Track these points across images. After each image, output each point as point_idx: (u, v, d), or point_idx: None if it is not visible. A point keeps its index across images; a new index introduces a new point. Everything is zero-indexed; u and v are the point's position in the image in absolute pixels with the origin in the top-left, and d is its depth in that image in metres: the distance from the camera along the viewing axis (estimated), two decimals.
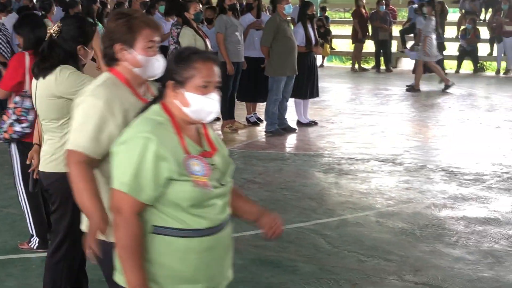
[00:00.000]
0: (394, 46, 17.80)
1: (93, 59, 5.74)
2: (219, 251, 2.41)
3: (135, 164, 2.22)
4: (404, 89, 13.14)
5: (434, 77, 15.16)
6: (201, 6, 8.40)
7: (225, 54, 8.64)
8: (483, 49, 17.33)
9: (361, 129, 9.39)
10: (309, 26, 9.20)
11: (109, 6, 11.20)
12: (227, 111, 9.05)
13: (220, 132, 9.02)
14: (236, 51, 8.80)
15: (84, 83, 3.35)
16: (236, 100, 9.31)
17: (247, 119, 9.59)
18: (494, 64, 16.96)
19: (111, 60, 2.70)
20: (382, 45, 16.69)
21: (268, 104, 8.83)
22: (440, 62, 13.71)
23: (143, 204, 2.26)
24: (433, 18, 12.88)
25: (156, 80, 2.65)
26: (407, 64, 18.02)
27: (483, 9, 17.98)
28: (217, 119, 9.58)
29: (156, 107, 2.36)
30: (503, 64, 16.47)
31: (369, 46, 17.74)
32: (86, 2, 9.30)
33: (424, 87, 13.20)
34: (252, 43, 9.21)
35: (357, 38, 16.84)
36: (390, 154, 7.76)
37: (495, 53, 16.76)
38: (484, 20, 17.74)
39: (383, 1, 16.48)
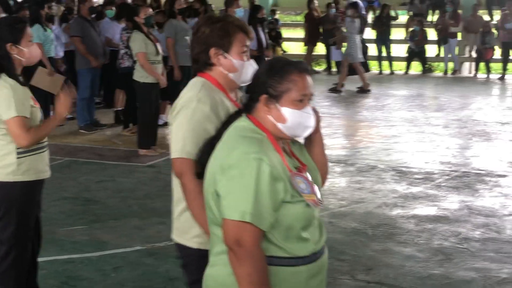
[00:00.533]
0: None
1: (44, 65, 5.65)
2: (322, 275, 2.28)
3: (254, 190, 2.01)
4: (355, 91, 13.30)
5: (384, 78, 15.45)
6: (151, 10, 8.35)
7: (174, 58, 8.61)
8: (431, 50, 17.67)
9: None
10: (259, 29, 9.24)
11: (55, 12, 11.07)
12: None
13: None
14: (187, 55, 8.76)
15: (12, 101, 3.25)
16: None
17: None
18: (442, 64, 17.31)
19: (204, 65, 2.61)
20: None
21: None
22: (364, 65, 13.99)
23: (263, 233, 2.05)
24: (357, 20, 13.22)
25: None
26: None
27: (430, 11, 18.32)
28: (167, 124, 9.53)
29: (246, 123, 2.19)
30: (451, 65, 16.84)
31: (321, 48, 17.90)
32: (33, 7, 9.17)
33: (373, 88, 13.38)
34: None
35: (309, 40, 16.98)
36: (342, 155, 7.85)
37: (442, 54, 17.12)
38: (432, 22, 18.08)
39: (333, 4, 16.65)
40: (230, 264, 2.07)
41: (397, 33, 17.97)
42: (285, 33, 19.85)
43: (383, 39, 16.88)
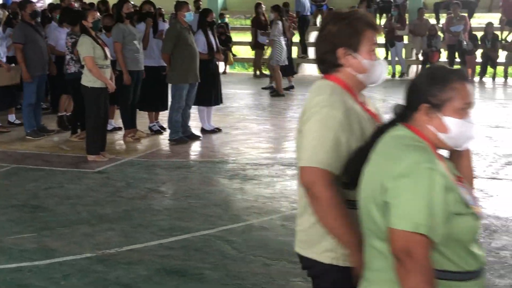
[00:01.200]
0: (294, 52, 18.10)
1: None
2: None
3: (427, 200, 1.93)
4: (303, 94, 13.38)
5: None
6: (98, 14, 8.24)
7: (123, 63, 8.53)
8: (379, 54, 17.92)
9: (264, 134, 9.49)
10: (209, 33, 9.22)
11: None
12: (128, 121, 8.94)
13: (122, 141, 8.89)
14: (135, 60, 8.71)
15: None
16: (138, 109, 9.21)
17: (149, 128, 9.49)
18: (390, 67, 17.58)
19: (332, 66, 2.45)
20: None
21: (171, 112, 8.77)
22: (290, 67, 14.14)
23: (433, 245, 1.96)
24: (279, 22, 13.41)
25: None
26: (308, 69, 18.39)
27: (377, 15, 18.59)
28: (119, 128, 9.45)
29: (406, 132, 2.11)
30: (398, 68, 17.12)
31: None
32: None
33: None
34: (151, 51, 9.15)
35: (256, 45, 17.03)
36: (293, 158, 7.87)
37: (390, 57, 17.39)
38: (379, 25, 18.34)
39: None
40: (397, 276, 1.98)
41: None
42: (235, 37, 19.88)
43: None
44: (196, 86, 8.88)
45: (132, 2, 9.11)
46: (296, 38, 17.83)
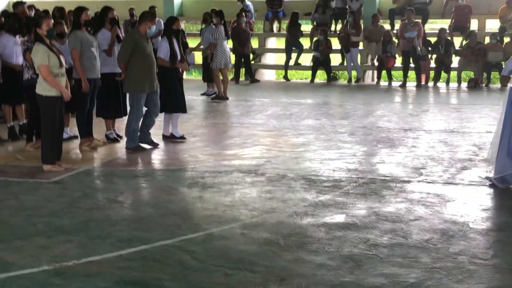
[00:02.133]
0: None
1: None
2: None
3: None
4: (264, 99, 13.40)
5: (290, 87, 15.64)
6: (52, 21, 8.10)
7: (81, 70, 8.43)
8: (335, 59, 18.07)
9: (223, 141, 9.46)
10: (174, 41, 9.17)
11: None
12: (84, 129, 8.82)
13: (78, 150, 8.76)
14: (93, 68, 8.62)
15: None
16: (94, 117, 9.10)
17: (106, 136, 9.38)
18: (346, 73, 17.75)
19: None
20: (245, 57, 17.00)
21: (130, 120, 8.69)
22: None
23: None
24: (222, 26, 13.56)
25: None
26: (266, 75, 18.44)
27: (333, 21, 18.76)
28: (75, 137, 9.32)
29: None
30: (354, 73, 17.30)
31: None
32: None
33: (281, 97, 13.54)
34: (107, 59, 9.06)
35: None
36: (252, 165, 7.88)
37: (346, 63, 17.56)
38: (335, 31, 18.50)
39: (243, 13, 16.78)
40: None
41: (302, 43, 18.26)
42: (191, 43, 19.79)
43: (295, 44, 17.40)
44: (159, 94, 8.82)
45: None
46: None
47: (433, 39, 16.56)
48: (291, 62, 18.05)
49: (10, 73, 9.23)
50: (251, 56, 17.52)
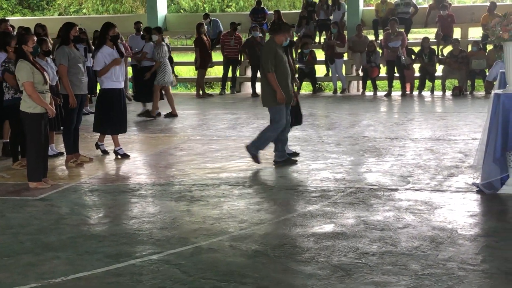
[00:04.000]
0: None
1: None
2: None
3: None
4: (253, 113, 13.40)
5: None
6: (36, 38, 8.08)
7: (68, 86, 8.42)
8: (320, 71, 18.15)
9: (210, 154, 9.45)
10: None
11: None
12: (71, 145, 8.78)
13: (64, 167, 8.72)
14: (80, 83, 8.62)
15: None
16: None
17: (115, 151, 9.24)
18: (331, 84, 17.82)
19: None
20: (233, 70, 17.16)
21: (268, 133, 8.48)
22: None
23: None
24: (164, 43, 13.47)
25: None
26: (250, 88, 18.46)
27: (317, 32, 18.86)
28: (61, 153, 9.27)
29: None
30: (339, 84, 17.37)
31: (212, 71, 17.97)
32: None
33: None
34: (113, 73, 8.94)
35: (201, 64, 17.04)
36: (240, 177, 7.87)
37: (331, 74, 17.63)
38: (319, 43, 18.60)
39: (257, 27, 17.09)
40: None
41: None
42: (177, 57, 19.83)
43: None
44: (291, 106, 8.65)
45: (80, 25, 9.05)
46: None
47: (416, 48, 16.68)
48: None
49: None
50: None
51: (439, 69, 16.83)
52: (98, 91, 10.12)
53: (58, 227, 6.05)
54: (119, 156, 9.21)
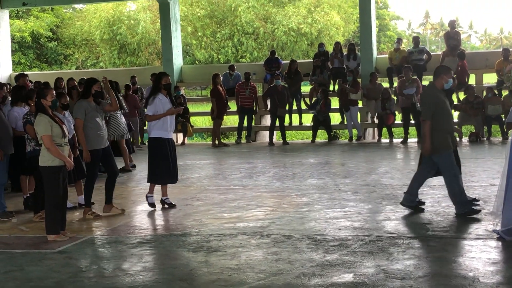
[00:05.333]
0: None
1: None
2: None
3: None
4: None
5: (291, 148, 15.67)
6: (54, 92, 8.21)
7: (82, 139, 8.51)
8: (336, 119, 18.21)
9: (226, 204, 9.44)
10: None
11: None
12: (90, 197, 8.85)
13: (82, 219, 8.74)
14: (98, 137, 8.68)
15: None
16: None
17: (162, 201, 9.28)
18: (347, 132, 17.85)
19: None
20: (280, 118, 17.28)
21: (450, 184, 8.03)
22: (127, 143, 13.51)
23: None
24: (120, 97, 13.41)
25: None
26: (267, 136, 18.53)
27: (331, 81, 19.00)
28: (74, 207, 9.33)
29: None
30: (355, 131, 17.39)
31: (228, 121, 18.10)
32: None
33: (282, 157, 13.53)
34: (159, 122, 9.02)
35: (217, 114, 17.21)
36: (257, 227, 7.84)
37: (346, 122, 17.68)
38: (334, 91, 18.71)
39: (279, 76, 17.35)
40: None
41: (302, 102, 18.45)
42: (191, 108, 20.03)
43: (295, 93, 17.67)
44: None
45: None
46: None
47: None
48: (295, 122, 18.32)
49: (22, 143, 9.30)
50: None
51: (455, 116, 16.82)
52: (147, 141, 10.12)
53: (77, 280, 6.04)
54: (166, 206, 9.26)
